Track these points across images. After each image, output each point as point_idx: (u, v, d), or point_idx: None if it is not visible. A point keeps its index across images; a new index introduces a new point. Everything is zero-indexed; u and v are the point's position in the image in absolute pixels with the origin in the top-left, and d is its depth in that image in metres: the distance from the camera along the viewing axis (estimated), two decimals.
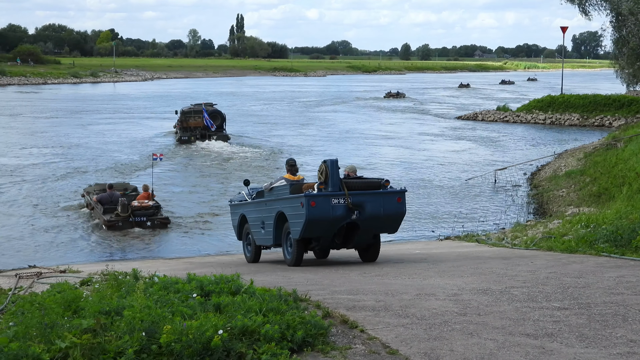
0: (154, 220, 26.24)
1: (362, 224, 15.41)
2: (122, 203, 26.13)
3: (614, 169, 30.43)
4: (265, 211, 17.00)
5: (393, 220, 15.97)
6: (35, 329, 6.96)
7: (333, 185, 15.19)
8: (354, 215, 15.17)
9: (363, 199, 15.31)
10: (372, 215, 15.37)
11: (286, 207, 15.87)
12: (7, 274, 16.64)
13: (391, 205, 15.67)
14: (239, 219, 18.61)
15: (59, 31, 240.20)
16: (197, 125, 50.19)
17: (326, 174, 15.27)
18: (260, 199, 17.54)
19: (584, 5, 54.55)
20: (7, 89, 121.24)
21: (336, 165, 15.32)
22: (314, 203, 14.89)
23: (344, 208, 15.10)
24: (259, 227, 17.29)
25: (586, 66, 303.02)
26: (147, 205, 26.45)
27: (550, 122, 67.03)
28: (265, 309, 7.81)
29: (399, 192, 15.96)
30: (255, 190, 18.30)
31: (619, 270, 12.37)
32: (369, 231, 15.84)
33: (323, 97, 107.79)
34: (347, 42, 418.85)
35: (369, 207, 15.32)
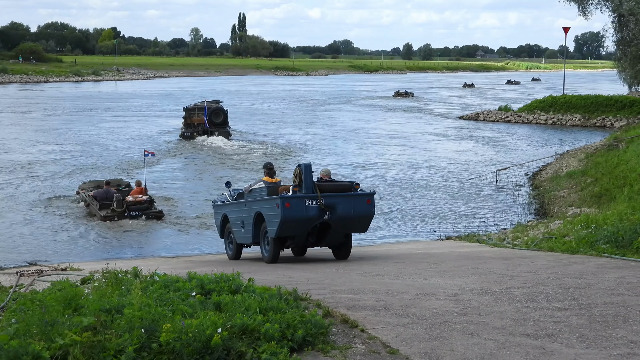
0: (149, 214, 27.17)
1: (334, 223, 16.52)
2: (117, 198, 27.04)
3: (616, 169, 30.42)
4: (245, 211, 18.07)
5: (363, 221, 17.06)
6: (36, 327, 6.96)
7: (307, 188, 16.32)
8: (326, 216, 16.28)
9: (335, 200, 16.41)
10: (343, 215, 16.46)
11: (264, 208, 17.01)
12: (8, 271, 16.66)
13: (361, 207, 16.79)
14: (221, 218, 19.63)
15: (61, 29, 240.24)
16: (200, 121, 51.78)
17: (300, 178, 16.38)
18: (241, 200, 18.57)
19: (584, 5, 54.58)
20: (8, 87, 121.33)
21: (310, 169, 16.47)
22: (288, 204, 16.06)
23: (316, 209, 16.23)
24: (239, 226, 18.40)
25: (588, 67, 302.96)
26: (141, 200, 27.44)
27: (552, 123, 66.99)
28: (265, 307, 7.81)
29: (368, 195, 17.21)
30: (236, 192, 19.29)
31: (620, 271, 12.37)
32: (340, 230, 16.96)
33: (328, 96, 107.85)
34: (349, 42, 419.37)
35: (340, 208, 16.42)
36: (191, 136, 51.70)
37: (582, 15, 55.08)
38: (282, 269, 15.21)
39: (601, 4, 53.68)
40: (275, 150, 47.77)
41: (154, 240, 25.08)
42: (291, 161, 42.37)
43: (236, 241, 18.91)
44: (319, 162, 42.47)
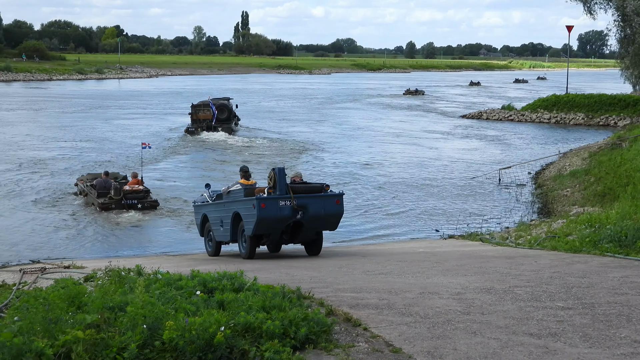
0: (144, 203, 28.48)
1: (306, 222, 17.76)
2: (115, 187, 28.45)
3: (619, 168, 30.39)
4: (223, 211, 19.36)
5: (333, 220, 18.33)
6: (39, 324, 6.98)
7: (280, 190, 17.55)
8: (299, 215, 17.55)
9: (306, 201, 17.69)
10: (314, 215, 17.75)
11: (241, 208, 18.26)
12: (11, 269, 16.67)
13: (331, 207, 18.08)
14: (202, 218, 20.84)
15: (65, 27, 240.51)
16: (206, 117, 54.17)
17: (274, 180, 17.60)
18: (220, 201, 19.81)
19: (589, 4, 54.57)
20: (12, 84, 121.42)
21: (283, 173, 17.69)
22: (264, 205, 17.31)
23: (290, 209, 17.46)
24: (218, 225, 19.62)
25: (592, 65, 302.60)
26: (138, 190, 28.83)
27: (555, 122, 66.93)
28: (268, 306, 7.82)
29: (337, 195, 18.40)
30: (215, 193, 20.48)
31: (623, 271, 12.35)
32: (312, 229, 18.19)
33: (335, 95, 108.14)
34: (352, 40, 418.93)
35: (311, 208, 17.70)
36: (195, 131, 53.52)
37: (589, 14, 55.08)
38: (284, 267, 15.22)
39: (605, 3, 53.68)
40: (280, 147, 47.82)
41: (157, 238, 25.08)
42: (299, 159, 42.44)
43: (215, 239, 20.11)
44: (323, 160, 42.52)
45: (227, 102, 57.63)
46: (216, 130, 53.44)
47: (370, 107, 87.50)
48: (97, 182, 29.17)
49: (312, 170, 38.98)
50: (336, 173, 38.24)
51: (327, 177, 36.57)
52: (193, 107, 55.41)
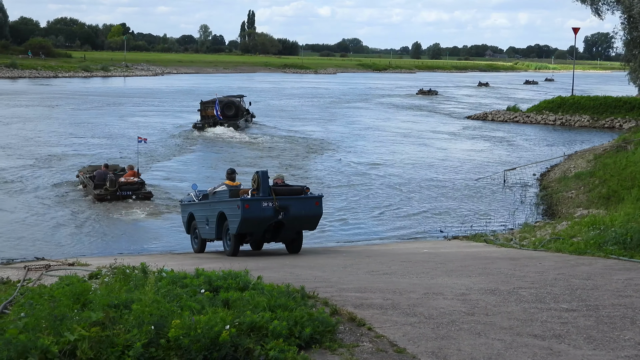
0: (139, 194, 29.73)
1: (287, 222, 18.79)
2: (110, 179, 29.60)
3: (624, 171, 30.36)
4: (209, 211, 20.33)
5: (312, 220, 19.47)
6: (44, 321, 6.99)
7: (263, 192, 18.58)
8: (280, 216, 18.57)
9: (288, 202, 18.70)
10: (295, 215, 18.76)
11: (226, 208, 19.26)
12: (16, 265, 16.69)
13: (310, 208, 19.17)
14: (188, 216, 21.88)
15: (71, 25, 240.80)
16: (213, 114, 56.24)
17: (258, 182, 18.65)
18: (206, 201, 20.79)
19: (596, 5, 54.53)
20: (18, 81, 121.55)
21: (266, 176, 18.72)
22: (248, 205, 18.35)
23: (272, 210, 18.49)
24: (204, 223, 20.63)
25: (597, 68, 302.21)
26: (132, 181, 30.04)
27: (561, 123, 66.88)
28: (273, 305, 7.83)
29: (316, 197, 19.41)
30: (201, 193, 21.43)
31: (628, 273, 12.35)
32: (292, 228, 19.21)
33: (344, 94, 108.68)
34: (358, 40, 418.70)
35: (292, 209, 18.71)
36: (202, 127, 55.74)
37: (596, 15, 55.06)
38: (288, 267, 15.24)
39: (612, 5, 53.63)
40: (285, 145, 47.86)
41: (160, 236, 25.11)
42: (305, 157, 42.50)
43: (201, 236, 21.14)
44: (330, 159, 42.54)
45: (236, 100, 59.97)
46: (222, 126, 55.21)
47: (380, 107, 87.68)
48: (96, 173, 30.53)
49: (317, 168, 39.03)
50: (341, 172, 38.24)
51: (329, 177, 36.60)
52: (202, 104, 57.74)
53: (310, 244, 23.67)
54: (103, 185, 29.61)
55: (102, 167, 31.28)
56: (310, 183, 34.67)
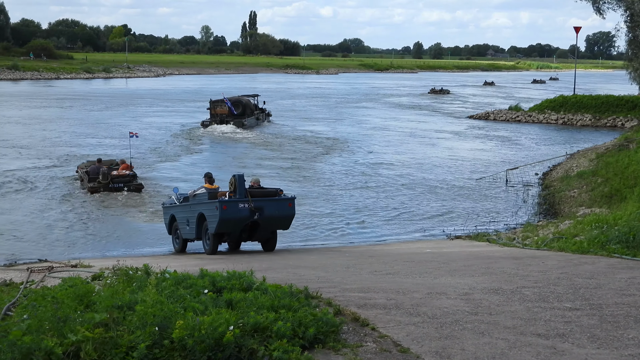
0: (130, 186, 31.42)
1: (262, 222, 20.12)
2: (103, 172, 31.40)
3: (626, 170, 30.34)
4: (189, 212, 21.60)
5: (285, 220, 20.73)
6: (48, 323, 6.99)
7: (240, 194, 19.88)
8: (256, 216, 19.86)
9: (262, 204, 20.02)
10: (269, 216, 20.09)
11: (205, 210, 20.57)
12: (19, 267, 16.72)
13: (284, 209, 20.47)
14: (170, 218, 23.09)
15: (72, 26, 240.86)
16: (222, 112, 59.02)
17: (235, 185, 19.92)
18: (186, 203, 22.06)
19: (598, 4, 54.48)
20: (19, 83, 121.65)
21: (243, 179, 20.04)
22: (225, 207, 19.65)
23: (248, 211, 19.77)
24: (185, 224, 21.88)
25: (599, 67, 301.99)
26: (124, 174, 31.81)
27: (563, 123, 66.82)
28: (277, 305, 7.83)
29: (289, 199, 20.64)
30: (182, 196, 22.68)
31: (631, 272, 12.34)
32: (267, 228, 20.55)
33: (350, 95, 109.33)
34: (360, 40, 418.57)
35: (267, 210, 20.01)
36: (209, 124, 58.67)
37: (598, 13, 55.00)
38: (292, 267, 15.24)
39: (614, 3, 53.58)
40: (292, 145, 47.89)
41: (162, 237, 25.11)
42: (314, 157, 42.53)
43: (182, 237, 22.32)
44: (335, 159, 42.54)
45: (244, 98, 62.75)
46: (228, 124, 57.87)
47: (388, 107, 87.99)
48: (90, 168, 32.39)
49: (323, 170, 39.04)
50: (345, 173, 38.25)
51: (333, 177, 36.61)
52: (211, 103, 60.52)
53: (312, 244, 23.71)
54: (96, 178, 31.38)
55: (96, 162, 33.16)
56: (311, 184, 34.72)
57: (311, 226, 26.31)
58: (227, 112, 58.70)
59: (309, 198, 31.04)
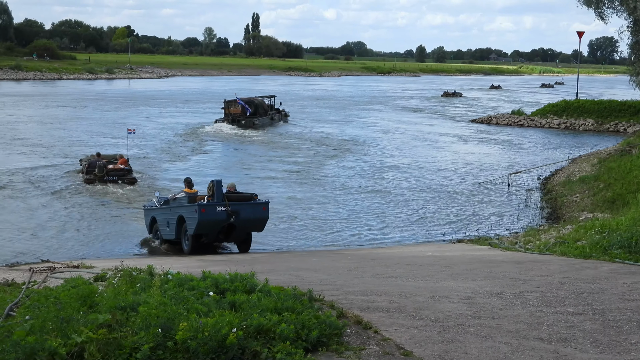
0: (124, 180, 33.53)
1: (238, 225, 21.55)
2: (99, 165, 33.60)
3: (629, 175, 30.34)
4: (170, 215, 22.93)
5: (260, 223, 22.22)
6: (51, 323, 7.00)
7: (217, 198, 21.35)
8: (232, 219, 21.26)
9: (238, 207, 21.42)
10: (245, 219, 21.53)
11: (185, 212, 21.96)
12: (21, 267, 16.71)
13: (258, 212, 21.91)
14: (150, 220, 24.35)
15: (75, 27, 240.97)
16: (236, 112, 61.39)
17: (213, 190, 21.44)
18: (167, 206, 23.43)
19: (600, 9, 54.47)
20: (22, 83, 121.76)
21: (220, 184, 21.50)
22: (204, 210, 21.15)
23: (225, 214, 21.18)
24: (165, 226, 23.25)
25: (602, 71, 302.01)
26: (118, 168, 34.01)
27: (565, 127, 66.81)
28: (280, 308, 7.83)
29: (264, 203, 22.17)
30: (162, 199, 24.13)
31: (633, 277, 12.34)
32: (243, 230, 22.02)
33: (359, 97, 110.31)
34: (362, 43, 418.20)
35: (242, 213, 21.42)
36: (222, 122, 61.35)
37: (600, 19, 54.99)
38: (294, 270, 15.22)
39: (616, 8, 53.56)
40: (299, 145, 47.93)
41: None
42: (319, 159, 42.55)
43: (162, 237, 23.61)
44: (340, 162, 42.55)
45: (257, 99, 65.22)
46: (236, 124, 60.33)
47: (396, 110, 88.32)
48: (89, 162, 34.63)
49: (327, 173, 39.06)
50: (348, 176, 38.26)
51: (334, 180, 36.61)
52: (225, 103, 62.69)
53: (314, 247, 23.72)
54: (93, 171, 33.64)
55: (94, 156, 35.38)
56: (314, 186, 34.74)
57: (313, 229, 26.32)
58: (240, 112, 60.81)
59: (310, 201, 31.07)
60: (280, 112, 68.65)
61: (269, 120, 64.33)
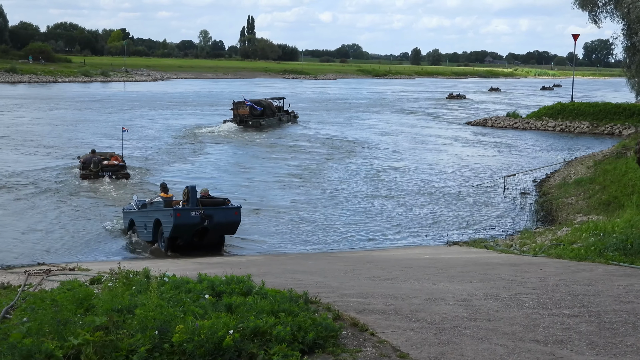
0: (117, 175, 35.53)
1: (211, 228, 22.73)
2: (94, 161, 35.59)
3: (624, 177, 30.38)
4: (147, 218, 24.04)
5: (232, 226, 23.40)
6: (48, 326, 6.99)
7: (192, 203, 22.56)
8: (206, 223, 22.48)
9: (212, 212, 22.63)
10: (217, 222, 22.73)
11: (161, 216, 23.10)
12: (16, 270, 16.69)
13: (230, 216, 23.09)
14: (129, 222, 25.42)
15: (71, 30, 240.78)
16: (244, 113, 63.78)
17: (187, 195, 22.70)
18: (144, 209, 24.44)
19: (594, 12, 54.53)
20: (17, 86, 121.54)
21: (195, 190, 22.73)
22: (179, 214, 22.28)
23: (199, 218, 22.38)
24: (142, 228, 24.38)
25: (597, 74, 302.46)
26: (112, 164, 36.03)
27: (560, 130, 66.88)
28: (276, 310, 7.83)
29: (235, 208, 23.31)
30: (141, 202, 25.21)
31: (629, 279, 12.36)
32: (216, 233, 23.21)
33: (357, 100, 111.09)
34: (358, 46, 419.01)
35: (215, 217, 22.64)
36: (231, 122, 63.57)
37: (593, 22, 55.07)
38: (290, 272, 15.23)
39: (611, 12, 53.63)
40: (303, 147, 47.96)
41: None
42: (317, 162, 42.57)
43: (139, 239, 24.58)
44: (337, 165, 42.55)
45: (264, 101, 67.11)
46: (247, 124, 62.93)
47: (397, 113, 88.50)
48: (85, 158, 36.49)
49: (322, 172, 39.07)
50: (345, 180, 38.27)
51: (330, 182, 36.61)
52: (234, 104, 65.28)
53: (310, 250, 23.72)
54: (89, 167, 35.59)
55: (90, 153, 37.31)
56: (310, 188, 34.74)
57: (309, 231, 26.31)
58: (248, 113, 63.24)
59: (307, 203, 31.08)
60: (289, 113, 70.72)
61: (276, 121, 66.74)
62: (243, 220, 24.24)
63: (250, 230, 25.91)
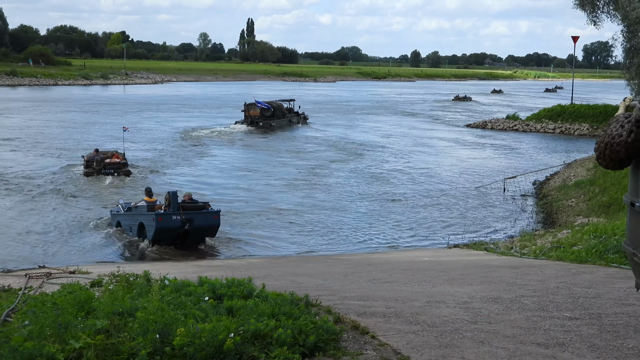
0: (119, 172, 37.14)
1: (192, 231, 23.84)
2: (96, 160, 37.33)
3: (624, 179, 30.34)
4: (132, 220, 25.38)
5: (212, 230, 24.44)
6: (49, 329, 6.99)
7: (173, 207, 23.65)
8: (187, 226, 23.51)
9: (192, 216, 23.72)
10: (198, 226, 23.86)
11: (144, 220, 24.38)
12: (17, 273, 16.68)
13: (210, 220, 24.12)
14: (116, 223, 26.58)
15: (70, 33, 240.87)
16: (255, 114, 66.28)
17: (169, 200, 23.79)
18: (129, 212, 25.64)
19: (594, 13, 54.63)
20: (17, 89, 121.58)
21: (176, 195, 23.94)
22: (161, 218, 23.42)
23: (180, 221, 23.43)
24: (128, 230, 25.61)
25: (596, 76, 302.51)
26: (114, 162, 37.73)
27: (560, 132, 66.95)
28: (277, 313, 7.83)
29: (215, 212, 24.33)
30: (127, 205, 26.32)
31: (630, 282, 12.32)
32: (197, 236, 24.28)
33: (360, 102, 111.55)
34: (357, 48, 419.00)
35: (196, 221, 23.73)
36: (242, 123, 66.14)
37: (592, 24, 55.19)
38: (290, 275, 15.23)
39: (611, 13, 53.73)
40: (307, 150, 47.99)
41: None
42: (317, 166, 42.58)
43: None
44: (339, 168, 42.59)
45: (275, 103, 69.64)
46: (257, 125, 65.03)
47: (400, 115, 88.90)
48: (88, 157, 38.25)
49: (324, 175, 39.09)
50: (344, 184, 38.29)
51: (331, 186, 36.62)
52: (245, 106, 67.82)
53: (310, 253, 23.73)
54: (92, 165, 37.25)
55: (93, 152, 38.90)
56: (312, 191, 34.76)
57: (308, 234, 26.33)
58: (258, 114, 65.60)
59: (307, 206, 31.09)
60: (300, 115, 72.57)
61: (287, 123, 68.82)
62: (244, 222, 24.37)
63: (251, 232, 25.96)
